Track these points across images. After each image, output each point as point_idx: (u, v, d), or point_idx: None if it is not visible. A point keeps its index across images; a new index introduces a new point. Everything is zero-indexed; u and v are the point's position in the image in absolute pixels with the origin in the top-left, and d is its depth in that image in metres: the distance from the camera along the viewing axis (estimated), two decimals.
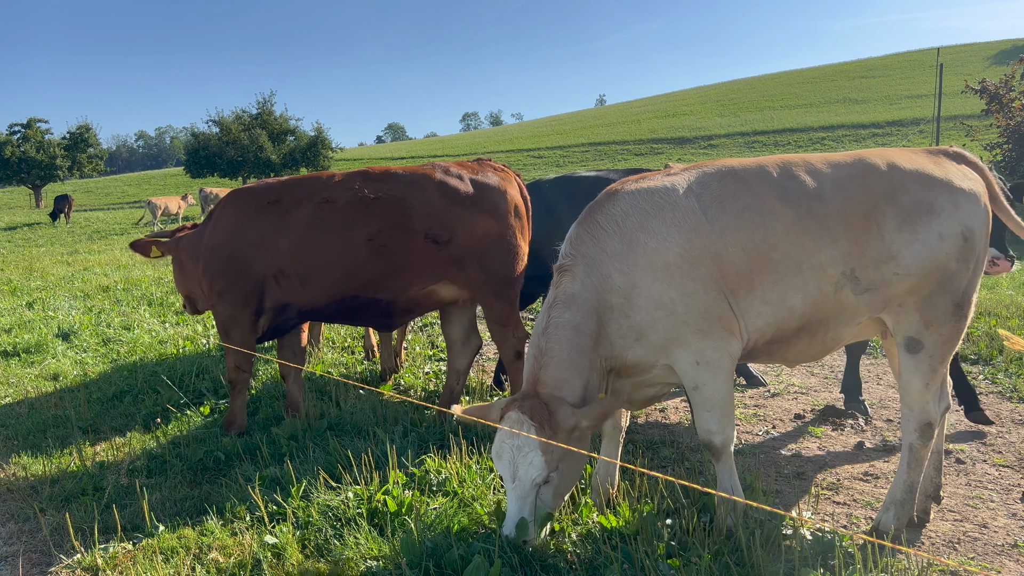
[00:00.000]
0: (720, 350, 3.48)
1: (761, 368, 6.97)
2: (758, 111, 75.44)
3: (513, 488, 3.37)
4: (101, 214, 41.11)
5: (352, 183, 5.11)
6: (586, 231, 3.61)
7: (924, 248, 3.46)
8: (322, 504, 3.99)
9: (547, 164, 64.69)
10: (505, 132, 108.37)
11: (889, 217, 3.47)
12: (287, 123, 56.22)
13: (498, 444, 3.43)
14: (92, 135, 58.51)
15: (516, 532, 3.35)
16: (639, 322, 3.48)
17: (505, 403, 3.49)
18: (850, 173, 3.57)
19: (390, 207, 5.03)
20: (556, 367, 3.46)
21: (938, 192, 3.52)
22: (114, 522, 3.98)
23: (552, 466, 3.33)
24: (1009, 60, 26.90)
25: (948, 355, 3.62)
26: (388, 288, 5.11)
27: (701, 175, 3.63)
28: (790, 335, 3.60)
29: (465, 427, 4.80)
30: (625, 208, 3.57)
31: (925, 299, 3.50)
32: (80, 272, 15.57)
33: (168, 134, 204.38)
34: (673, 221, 3.48)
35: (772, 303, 3.50)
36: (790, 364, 3.93)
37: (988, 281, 10.86)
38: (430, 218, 5.04)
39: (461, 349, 5.57)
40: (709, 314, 3.43)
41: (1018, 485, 4.41)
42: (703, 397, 3.54)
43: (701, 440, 3.66)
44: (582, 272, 3.54)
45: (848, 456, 4.93)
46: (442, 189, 5.12)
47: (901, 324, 3.57)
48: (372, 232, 4.98)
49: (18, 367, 7.59)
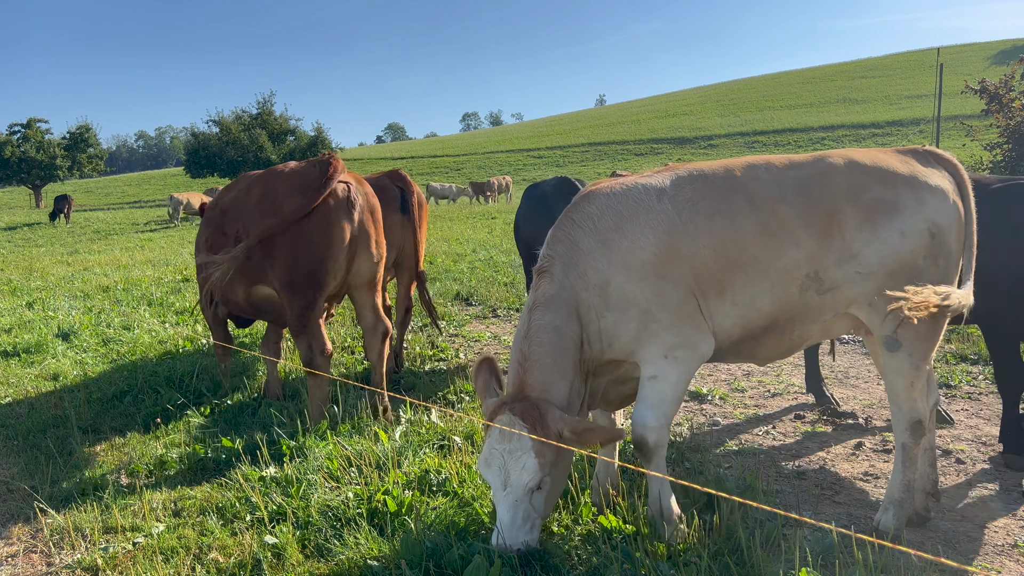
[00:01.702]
0: (691, 348, 3.48)
1: (760, 368, 6.97)
2: (758, 111, 75.35)
3: (505, 495, 3.30)
4: (101, 214, 41.11)
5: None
6: (563, 231, 3.62)
7: (885, 246, 3.47)
8: (322, 504, 3.99)
9: (547, 164, 64.64)
10: (505, 132, 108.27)
11: (850, 216, 3.49)
12: (287, 123, 56.21)
13: (487, 451, 3.35)
14: (92, 135, 58.53)
15: (510, 542, 3.28)
16: (614, 320, 3.48)
17: (492, 407, 3.43)
18: (811, 173, 3.59)
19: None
20: (541, 371, 3.43)
21: (900, 190, 3.53)
22: (114, 522, 3.99)
23: (545, 469, 3.29)
24: (1009, 60, 26.87)
25: (929, 352, 3.63)
26: (230, 291, 5.62)
27: (674, 178, 3.65)
28: (757, 334, 3.63)
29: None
30: (600, 207, 3.59)
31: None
32: (80, 272, 15.58)
33: (168, 134, 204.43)
34: (647, 222, 3.50)
35: (741, 305, 3.52)
36: (760, 363, 3.93)
37: None
38: (237, 220, 5.44)
39: (371, 337, 5.67)
40: (680, 311, 3.45)
41: (1018, 485, 4.42)
42: (655, 389, 3.46)
43: (633, 436, 3.53)
44: (560, 272, 3.54)
45: (848, 456, 4.93)
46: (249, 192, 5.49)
47: (876, 323, 3.58)
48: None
49: (18, 367, 7.59)
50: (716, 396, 6.22)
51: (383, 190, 6.53)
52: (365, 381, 6.52)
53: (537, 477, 3.27)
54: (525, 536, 3.32)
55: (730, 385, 6.58)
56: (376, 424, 5.14)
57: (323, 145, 55.07)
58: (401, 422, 5.26)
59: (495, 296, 10.78)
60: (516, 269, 13.44)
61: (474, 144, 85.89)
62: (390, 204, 6.56)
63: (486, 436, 3.39)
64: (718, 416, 5.75)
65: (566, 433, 3.27)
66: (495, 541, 3.32)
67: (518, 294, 10.95)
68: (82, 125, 58.02)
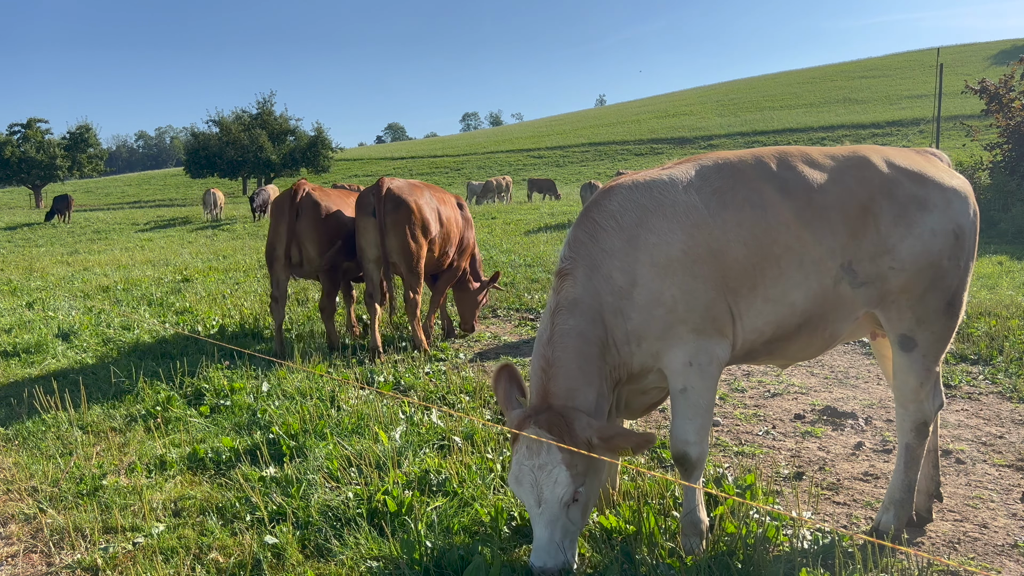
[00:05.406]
0: (711, 353, 3.36)
1: (760, 368, 6.97)
2: (758, 111, 75.35)
3: (540, 513, 3.10)
4: (101, 214, 41.11)
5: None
6: (584, 231, 3.49)
7: (918, 243, 3.45)
8: (322, 504, 3.99)
9: (547, 164, 64.66)
10: (505, 132, 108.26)
11: (885, 210, 3.45)
12: (287, 123, 56.22)
13: (516, 468, 3.16)
14: (92, 135, 58.57)
15: (551, 564, 3.07)
16: (640, 323, 3.35)
17: (517, 419, 3.25)
18: (847, 165, 3.55)
19: None
20: (566, 377, 3.27)
21: (930, 189, 3.52)
22: (114, 522, 3.98)
23: (579, 480, 3.11)
24: (1009, 60, 26.89)
25: (941, 353, 3.62)
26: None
27: (699, 168, 3.54)
28: (791, 332, 3.52)
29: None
30: (622, 203, 3.46)
31: (918, 297, 3.49)
32: (80, 272, 15.58)
33: (168, 134, 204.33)
34: (675, 216, 3.37)
35: (774, 300, 3.41)
36: (788, 362, 3.85)
37: (988, 281, 10.87)
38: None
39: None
40: (707, 314, 3.34)
41: (1018, 485, 4.41)
42: (689, 402, 3.36)
43: (673, 452, 3.43)
44: (583, 275, 3.39)
45: (848, 456, 4.92)
46: None
47: (894, 322, 3.56)
48: None
49: (18, 367, 7.59)
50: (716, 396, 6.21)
51: (361, 199, 7.69)
52: (365, 381, 6.52)
53: (571, 490, 3.09)
54: (565, 554, 3.13)
55: (730, 385, 6.58)
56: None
57: (323, 145, 55.05)
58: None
59: (495, 296, 10.77)
60: (516, 269, 13.44)
61: (474, 144, 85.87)
62: (364, 209, 7.57)
63: (513, 452, 3.22)
64: (718, 416, 5.74)
65: (594, 440, 3.12)
66: (532, 562, 3.13)
67: (518, 294, 10.94)
68: (82, 125, 58.05)
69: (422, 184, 8.05)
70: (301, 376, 6.32)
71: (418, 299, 7.67)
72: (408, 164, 71.70)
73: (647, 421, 5.65)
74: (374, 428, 5.01)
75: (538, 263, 14.04)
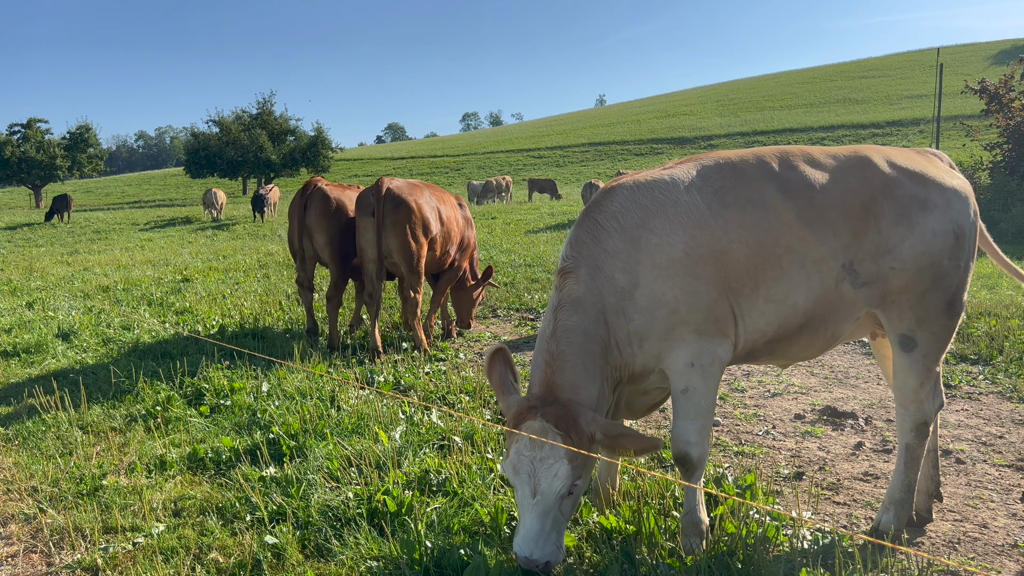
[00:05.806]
0: (713, 354, 3.36)
1: (760, 368, 6.97)
2: (758, 111, 75.33)
3: (534, 504, 3.10)
4: (101, 214, 41.11)
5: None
6: (586, 231, 3.48)
7: (919, 243, 3.45)
8: (322, 504, 3.99)
9: (547, 164, 64.65)
10: (505, 132, 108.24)
11: (887, 210, 3.45)
12: (287, 123, 56.21)
13: (515, 457, 3.14)
14: (92, 135, 58.55)
15: (537, 555, 3.08)
16: (642, 324, 3.35)
17: (519, 409, 3.23)
18: (848, 165, 3.55)
19: None
20: (571, 371, 3.27)
21: (931, 189, 3.52)
22: (114, 522, 3.98)
23: (577, 475, 3.13)
24: (1009, 60, 26.88)
25: (941, 353, 3.62)
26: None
27: (701, 168, 3.54)
28: (792, 332, 3.52)
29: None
30: (624, 204, 3.45)
31: (919, 297, 3.49)
32: (80, 272, 15.57)
33: (168, 134, 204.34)
34: (676, 217, 3.37)
35: (776, 301, 3.41)
36: (789, 362, 3.85)
37: (988, 281, 10.86)
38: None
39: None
40: (709, 314, 3.34)
41: (1018, 485, 4.41)
42: (690, 402, 3.36)
43: (675, 452, 3.44)
44: (586, 275, 3.39)
45: (848, 456, 4.92)
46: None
47: (895, 322, 3.56)
48: None
49: (18, 367, 7.59)
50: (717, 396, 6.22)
51: (362, 198, 7.74)
52: (366, 381, 6.52)
53: (569, 483, 3.11)
54: (553, 546, 3.14)
55: (730, 385, 6.58)
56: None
57: (323, 145, 55.05)
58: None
59: (495, 296, 10.77)
60: (516, 269, 13.44)
61: (474, 144, 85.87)
62: (364, 209, 7.66)
63: (513, 441, 3.17)
64: (718, 416, 5.74)
65: (599, 436, 3.12)
66: (519, 551, 3.12)
67: (518, 294, 10.94)
68: (82, 125, 58.03)
69: (422, 184, 8.06)
70: (301, 376, 6.32)
71: (418, 299, 7.68)
72: (408, 164, 71.69)
73: (647, 421, 5.65)
74: (374, 428, 5.01)
75: (538, 263, 14.04)
